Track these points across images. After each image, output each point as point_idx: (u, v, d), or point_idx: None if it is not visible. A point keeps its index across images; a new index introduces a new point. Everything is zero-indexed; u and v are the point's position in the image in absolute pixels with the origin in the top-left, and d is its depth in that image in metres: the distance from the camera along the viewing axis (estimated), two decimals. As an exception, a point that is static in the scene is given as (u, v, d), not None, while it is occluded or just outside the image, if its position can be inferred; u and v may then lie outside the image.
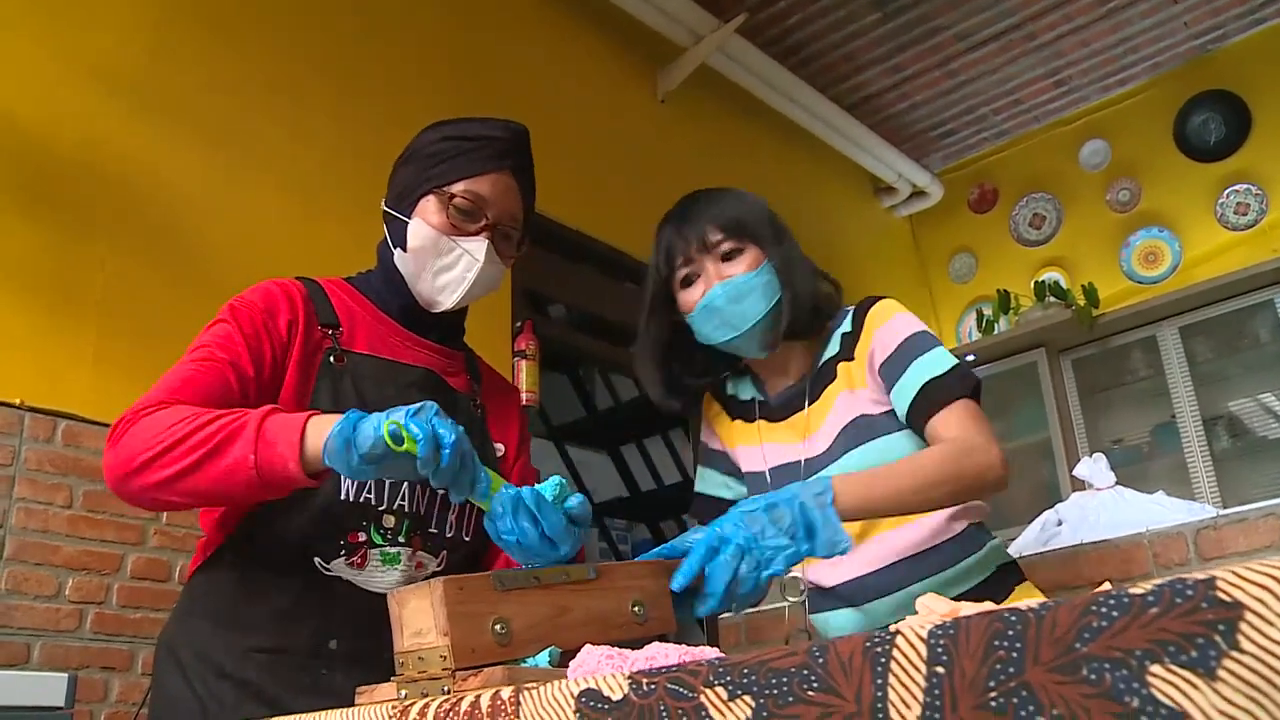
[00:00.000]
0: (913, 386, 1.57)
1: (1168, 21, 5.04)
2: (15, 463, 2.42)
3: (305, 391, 1.48)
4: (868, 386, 1.64)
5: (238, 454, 1.27)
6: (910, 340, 1.61)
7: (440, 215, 1.54)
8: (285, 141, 3.20)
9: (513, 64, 4.10)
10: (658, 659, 1.01)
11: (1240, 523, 2.04)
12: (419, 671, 1.17)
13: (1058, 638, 0.52)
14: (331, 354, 1.51)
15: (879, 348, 1.63)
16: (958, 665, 0.54)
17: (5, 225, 2.56)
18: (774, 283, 1.65)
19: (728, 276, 1.64)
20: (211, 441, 1.27)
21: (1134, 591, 0.51)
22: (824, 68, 5.18)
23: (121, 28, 2.91)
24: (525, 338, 3.64)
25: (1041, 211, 5.79)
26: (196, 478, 1.28)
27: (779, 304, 1.65)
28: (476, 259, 1.54)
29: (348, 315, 1.58)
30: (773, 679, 0.58)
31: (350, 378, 1.51)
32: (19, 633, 2.33)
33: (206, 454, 1.27)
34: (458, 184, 1.54)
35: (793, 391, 1.74)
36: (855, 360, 1.67)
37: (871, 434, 1.62)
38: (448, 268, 1.55)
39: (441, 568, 1.53)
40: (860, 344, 1.66)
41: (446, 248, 1.54)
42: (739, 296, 1.63)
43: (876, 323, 1.66)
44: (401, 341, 1.61)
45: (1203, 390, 4.81)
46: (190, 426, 1.29)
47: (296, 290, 1.55)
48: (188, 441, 1.28)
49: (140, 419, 1.33)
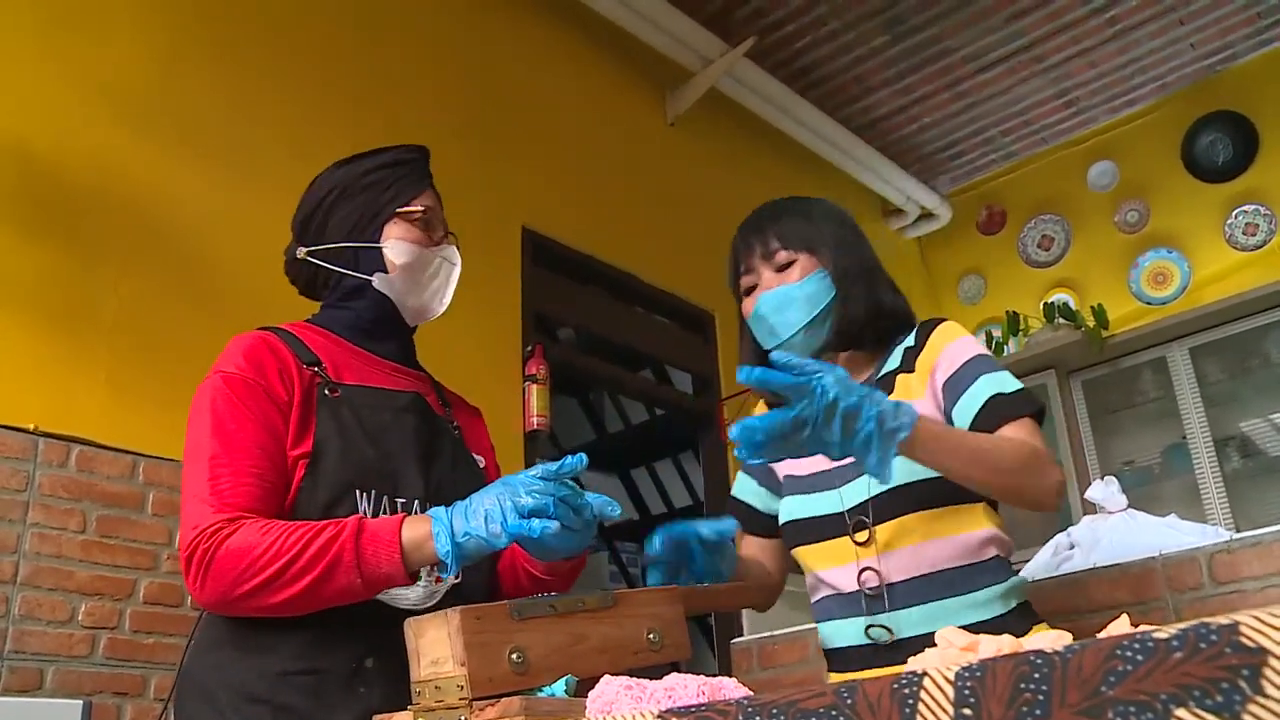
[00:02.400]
0: (979, 399, 1.59)
1: (1175, 42, 5.05)
2: (29, 488, 2.42)
3: (307, 426, 1.52)
4: (924, 398, 1.66)
5: (346, 581, 1.36)
6: (977, 360, 1.64)
7: (412, 232, 1.68)
8: (296, 162, 3.20)
9: (523, 87, 4.12)
10: (677, 690, 1.01)
11: (1255, 546, 2.02)
12: (436, 701, 1.18)
13: (1083, 681, 0.52)
14: (325, 387, 1.56)
15: (944, 363, 1.66)
16: (985, 707, 0.54)
17: (17, 249, 2.57)
18: (822, 292, 1.71)
19: (775, 286, 1.72)
20: (316, 569, 1.35)
21: (1158, 636, 0.51)
22: (833, 90, 5.20)
23: (131, 51, 2.93)
24: (535, 362, 3.65)
25: (1050, 233, 5.79)
26: (309, 602, 1.37)
27: (824, 313, 1.71)
28: (454, 263, 1.73)
29: (324, 353, 1.62)
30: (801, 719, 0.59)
31: (347, 406, 1.56)
32: (32, 658, 2.33)
33: (315, 581, 1.36)
34: (413, 202, 1.69)
35: None
36: (915, 373, 1.69)
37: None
38: (434, 275, 1.70)
39: (459, 581, 1.56)
40: (922, 358, 1.69)
41: (429, 259, 1.69)
42: (781, 306, 1.71)
43: (942, 340, 1.69)
44: (378, 369, 1.67)
45: (1213, 411, 4.80)
46: (287, 556, 1.36)
47: (273, 338, 1.60)
48: (289, 570, 1.36)
49: (222, 544, 1.37)
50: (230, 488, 1.43)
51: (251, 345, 1.56)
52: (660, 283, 4.45)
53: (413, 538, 1.36)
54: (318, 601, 1.38)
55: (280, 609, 1.38)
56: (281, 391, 1.52)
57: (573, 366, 4.16)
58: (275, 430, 1.49)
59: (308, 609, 1.39)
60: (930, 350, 1.69)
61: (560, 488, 1.36)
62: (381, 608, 1.46)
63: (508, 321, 3.74)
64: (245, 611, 1.41)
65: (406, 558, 1.36)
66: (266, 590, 1.36)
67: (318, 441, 1.51)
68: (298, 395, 1.53)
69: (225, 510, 1.40)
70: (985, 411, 1.57)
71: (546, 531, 1.32)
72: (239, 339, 1.59)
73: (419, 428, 1.63)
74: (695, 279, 4.56)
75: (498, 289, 3.73)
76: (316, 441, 1.50)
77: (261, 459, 1.46)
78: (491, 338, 3.64)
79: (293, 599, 1.36)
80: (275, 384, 1.52)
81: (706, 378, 4.65)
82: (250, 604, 1.38)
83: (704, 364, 4.65)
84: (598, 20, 4.36)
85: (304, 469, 1.49)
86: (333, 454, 1.51)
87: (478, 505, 1.36)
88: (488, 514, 1.34)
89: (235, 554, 1.36)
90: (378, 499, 1.53)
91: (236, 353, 1.55)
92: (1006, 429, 1.56)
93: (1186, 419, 4.82)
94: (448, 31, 3.91)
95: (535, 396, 3.62)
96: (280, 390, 1.52)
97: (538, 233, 3.97)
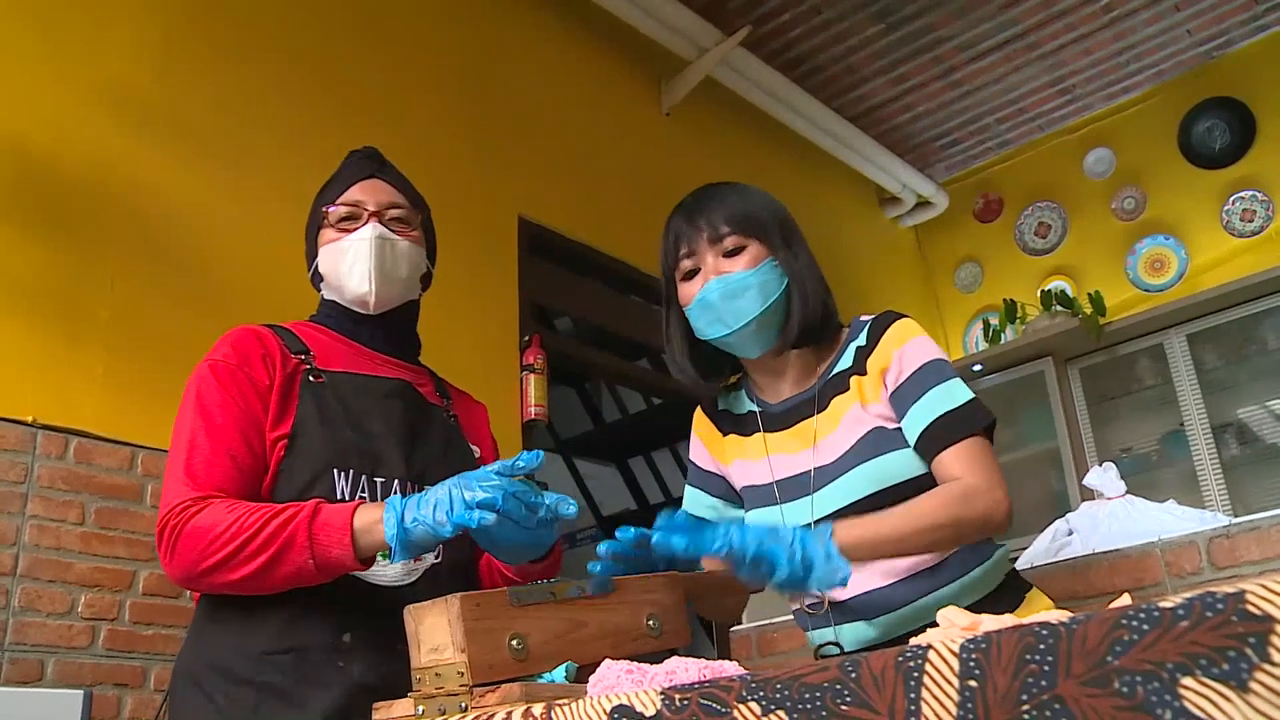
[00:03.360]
0: (925, 418, 1.55)
1: (1171, 29, 5.04)
2: (28, 480, 2.42)
3: (288, 408, 1.56)
4: (880, 401, 1.62)
5: (299, 561, 1.40)
6: (926, 368, 1.58)
7: (331, 232, 1.71)
8: (291, 160, 3.21)
9: (517, 79, 4.11)
10: (678, 674, 1.01)
11: (1253, 531, 2.03)
12: (436, 688, 1.18)
13: (1089, 651, 0.52)
14: (310, 373, 1.61)
15: (894, 371, 1.60)
16: (990, 679, 0.54)
17: (15, 246, 2.57)
18: (773, 283, 1.63)
19: (726, 272, 1.62)
20: (270, 549, 1.40)
21: (1164, 605, 0.51)
22: (828, 79, 5.19)
23: (129, 50, 2.92)
24: (533, 352, 3.65)
25: (1047, 220, 5.79)
26: (263, 581, 1.42)
27: (776, 305, 1.63)
28: (365, 238, 1.68)
29: (315, 345, 1.67)
30: (805, 694, 0.58)
31: (330, 390, 1.60)
32: (33, 650, 2.33)
33: (269, 561, 1.40)
34: (337, 201, 1.73)
35: (799, 399, 1.70)
36: (868, 374, 1.63)
37: (885, 448, 1.59)
38: (355, 260, 1.68)
39: (439, 560, 1.59)
40: (874, 359, 1.63)
41: (344, 246, 1.69)
42: (734, 293, 1.61)
43: (893, 343, 1.62)
44: (369, 360, 1.71)
45: (1211, 398, 4.80)
46: (244, 535, 1.40)
47: (264, 331, 1.65)
48: (246, 549, 1.40)
49: (189, 521, 1.43)
50: (205, 468, 1.48)
51: (239, 336, 1.62)
52: (657, 272, 4.40)
53: (364, 523, 1.41)
54: (274, 581, 1.42)
55: (238, 586, 1.43)
56: (264, 377, 1.57)
57: (570, 356, 4.16)
58: (254, 415, 1.54)
59: (265, 589, 1.43)
60: (881, 354, 1.63)
61: (513, 484, 1.38)
62: (359, 584, 1.50)
63: (505, 311, 3.74)
64: (209, 588, 1.46)
65: (357, 542, 1.40)
66: (224, 568, 1.41)
67: (297, 422, 1.55)
68: (279, 379, 1.57)
69: (198, 489, 1.46)
70: (931, 432, 1.54)
71: (484, 522, 1.34)
72: (230, 332, 1.65)
73: (405, 411, 1.67)
74: (692, 269, 4.54)
75: (494, 279, 3.73)
76: (296, 423, 1.55)
77: (239, 442, 1.51)
78: (488, 328, 3.64)
79: (247, 578, 1.41)
80: (258, 370, 1.57)
81: (704, 367, 4.63)
82: (211, 580, 1.43)
83: (701, 354, 4.64)
84: (593, 9, 4.35)
85: (283, 449, 1.53)
86: (312, 435, 1.55)
87: (430, 495, 1.39)
88: (437, 503, 1.37)
89: (199, 531, 1.42)
90: (355, 477, 1.56)
91: (225, 343, 1.62)
92: (948, 455, 1.52)
93: (1184, 406, 4.82)
94: (443, 24, 3.89)
95: (533, 386, 3.62)
96: (263, 376, 1.57)
97: (534, 222, 3.97)
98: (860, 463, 1.59)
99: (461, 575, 1.63)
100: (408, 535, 1.38)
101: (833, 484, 1.60)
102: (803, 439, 1.67)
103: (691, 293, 1.66)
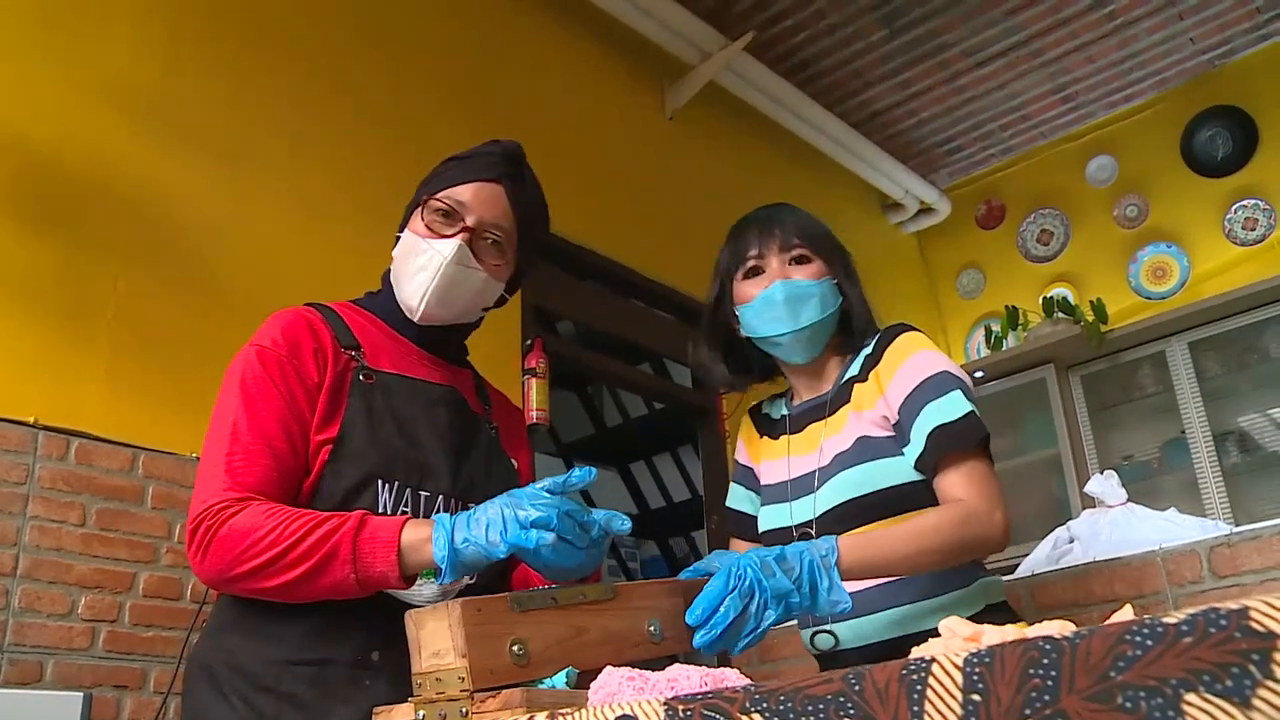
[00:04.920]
0: (921, 436, 1.61)
1: (1174, 37, 5.05)
2: (29, 481, 2.42)
3: (337, 409, 1.50)
4: (873, 409, 1.69)
5: (340, 574, 1.35)
6: (925, 384, 1.64)
7: (420, 222, 1.60)
8: (297, 159, 3.22)
9: (521, 82, 4.11)
10: (679, 681, 1.01)
11: (1254, 540, 2.02)
12: (437, 693, 1.18)
13: (1092, 666, 0.52)
14: (360, 372, 1.54)
15: (896, 386, 1.67)
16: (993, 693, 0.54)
17: (18, 244, 2.57)
18: (830, 299, 1.75)
19: (792, 277, 1.73)
20: (312, 559, 1.35)
21: (1167, 621, 0.51)
22: (831, 85, 5.19)
23: (133, 47, 2.93)
24: (535, 356, 3.65)
25: (1049, 227, 5.79)
26: (300, 591, 1.37)
27: (830, 320, 1.75)
28: (445, 255, 1.57)
29: (365, 336, 1.60)
30: (809, 705, 0.59)
31: (380, 393, 1.54)
32: (32, 651, 2.33)
33: (309, 571, 1.35)
34: (443, 192, 1.60)
35: (813, 404, 1.81)
36: (868, 382, 1.71)
37: (869, 455, 1.66)
38: (422, 268, 1.58)
39: (474, 582, 1.54)
40: (877, 369, 1.71)
41: (421, 249, 1.58)
42: (799, 298, 1.72)
43: (897, 357, 1.69)
44: (418, 359, 1.64)
45: (1212, 406, 4.80)
46: (285, 543, 1.35)
47: (315, 317, 1.57)
48: (286, 557, 1.35)
49: (226, 523, 1.37)
50: (244, 466, 1.42)
51: (290, 322, 1.55)
52: (659, 276, 4.45)
53: (411, 540, 1.35)
54: (311, 592, 1.37)
55: (273, 594, 1.38)
56: (314, 372, 1.50)
57: (572, 360, 4.16)
58: (300, 411, 1.47)
59: (301, 598, 1.39)
60: (886, 366, 1.70)
61: (566, 502, 1.34)
62: (390, 600, 1.44)
63: (506, 315, 3.74)
64: (241, 592, 1.41)
65: (403, 559, 1.35)
66: (261, 574, 1.36)
67: (344, 426, 1.49)
68: (329, 377, 1.51)
69: (236, 489, 1.40)
70: (930, 448, 1.60)
71: (542, 543, 1.30)
72: (280, 314, 1.57)
73: (452, 422, 1.61)
74: (694, 273, 4.52)
75: (497, 283, 3.73)
76: (343, 426, 1.49)
77: (282, 438, 1.45)
78: (490, 331, 3.61)
79: (285, 586, 1.36)
80: (308, 363, 1.50)
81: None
82: (245, 585, 1.38)
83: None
84: (596, 13, 4.35)
85: (328, 454, 1.47)
86: (359, 440, 1.49)
87: (481, 514, 1.34)
88: (489, 523, 1.32)
89: (237, 534, 1.36)
90: (400, 490, 1.51)
91: (275, 327, 1.54)
92: (949, 476, 1.58)
93: (1185, 414, 4.82)
94: (446, 27, 3.90)
95: (534, 390, 3.62)
96: (313, 371, 1.50)
97: (537, 226, 3.96)
98: (846, 468, 1.68)
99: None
100: (458, 556, 1.33)
101: (828, 484, 1.69)
102: (812, 441, 1.77)
103: (752, 291, 1.77)
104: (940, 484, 1.59)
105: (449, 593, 1.49)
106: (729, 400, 4.48)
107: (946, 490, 1.58)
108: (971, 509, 1.53)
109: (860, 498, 1.64)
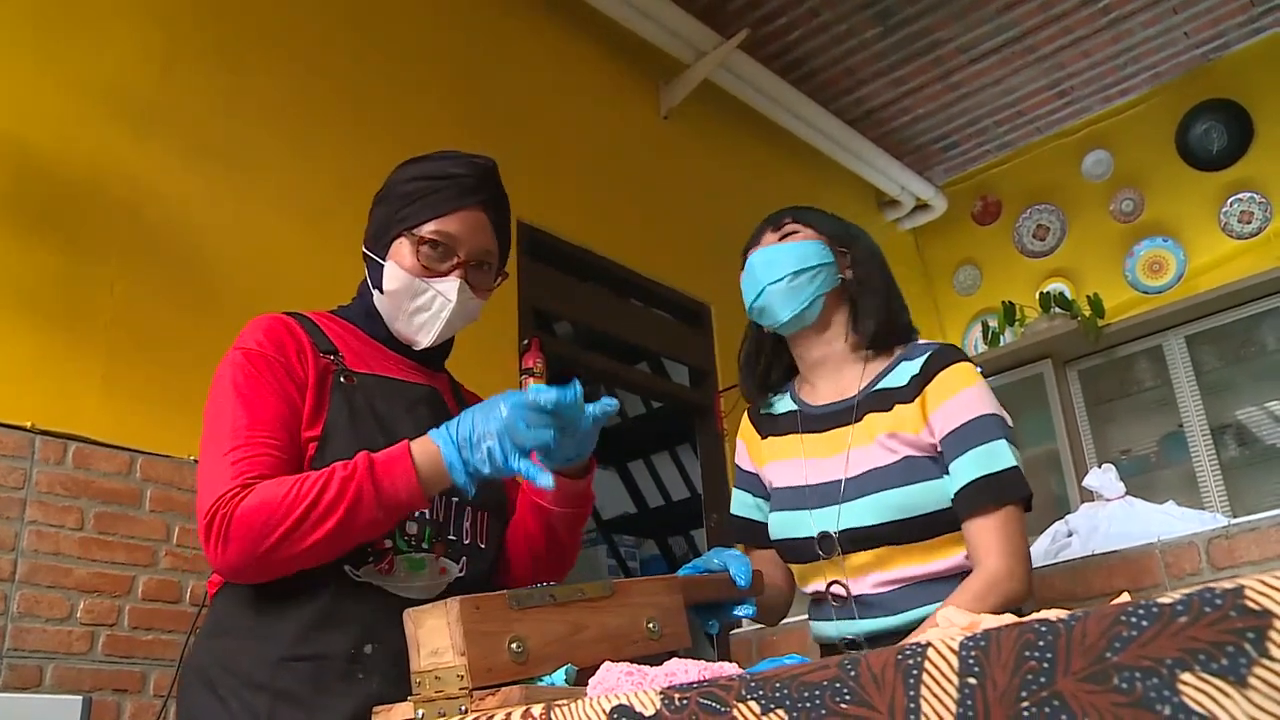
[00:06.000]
0: (964, 477, 1.60)
1: (1168, 31, 5.05)
2: (26, 485, 2.42)
3: (320, 410, 1.51)
4: (917, 434, 1.65)
5: (367, 517, 1.38)
6: (974, 424, 1.62)
7: (412, 258, 1.59)
8: (293, 163, 3.21)
9: (517, 82, 4.11)
10: (678, 675, 1.01)
11: (1252, 531, 2.02)
12: (436, 691, 1.17)
13: (1088, 647, 0.52)
14: (340, 374, 1.55)
15: (944, 417, 1.64)
16: (989, 676, 0.54)
17: (15, 248, 2.57)
18: (812, 255, 1.75)
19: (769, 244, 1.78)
20: (339, 510, 1.37)
21: (1163, 601, 0.51)
22: (826, 82, 5.19)
23: (130, 52, 2.93)
24: (532, 355, 3.64)
25: (1045, 223, 5.79)
26: (340, 543, 1.39)
27: (820, 276, 1.74)
28: (449, 299, 1.60)
29: (341, 342, 1.62)
30: (805, 692, 0.58)
31: (361, 394, 1.56)
32: (31, 655, 2.32)
33: (341, 523, 1.37)
34: (428, 224, 1.59)
35: (839, 406, 1.76)
36: (913, 405, 1.67)
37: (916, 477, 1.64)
38: (423, 308, 1.60)
39: (463, 574, 1.55)
40: (924, 396, 1.67)
41: (420, 289, 1.59)
42: (770, 260, 1.75)
43: (946, 390, 1.66)
44: (396, 364, 1.66)
45: (1210, 399, 4.80)
46: (306, 501, 1.37)
47: (291, 322, 1.59)
48: (312, 515, 1.37)
49: (239, 506, 1.38)
50: (247, 457, 1.42)
51: (270, 325, 1.56)
52: (656, 275, 4.45)
53: (428, 475, 1.40)
54: (347, 541, 1.40)
55: (309, 555, 1.38)
56: (300, 371, 1.52)
57: (569, 360, 4.15)
58: (294, 405, 1.49)
59: (335, 552, 1.40)
60: (934, 395, 1.66)
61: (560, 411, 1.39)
62: (382, 594, 1.46)
63: (504, 315, 3.74)
64: (274, 565, 1.39)
65: (424, 481, 1.40)
66: (293, 538, 1.36)
67: (328, 425, 1.50)
68: (312, 378, 1.52)
69: (241, 478, 1.40)
70: (963, 496, 1.59)
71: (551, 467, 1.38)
72: (258, 320, 1.58)
73: (433, 420, 1.59)
74: (691, 271, 4.55)
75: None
76: (327, 425, 1.50)
77: (280, 431, 1.46)
78: (488, 331, 3.63)
79: (322, 541, 1.37)
80: (294, 363, 1.52)
81: (703, 370, 4.65)
82: (279, 554, 1.37)
83: (700, 356, 4.65)
84: (591, 13, 4.35)
85: (313, 451, 1.49)
86: (343, 438, 1.50)
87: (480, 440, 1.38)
88: (489, 452, 1.37)
89: (254, 510, 1.37)
90: None
91: (257, 330, 1.55)
92: (979, 524, 1.57)
93: (1183, 407, 4.82)
94: (442, 28, 3.90)
95: (532, 390, 3.61)
96: (299, 369, 1.52)
97: (533, 226, 3.96)
98: (888, 488, 1.63)
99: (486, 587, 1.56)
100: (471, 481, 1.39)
101: (861, 500, 1.65)
102: (836, 446, 1.72)
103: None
104: (968, 529, 1.59)
105: (439, 584, 1.51)
106: (727, 399, 4.48)
107: (972, 538, 1.58)
108: (990, 577, 1.53)
109: (902, 520, 1.61)
